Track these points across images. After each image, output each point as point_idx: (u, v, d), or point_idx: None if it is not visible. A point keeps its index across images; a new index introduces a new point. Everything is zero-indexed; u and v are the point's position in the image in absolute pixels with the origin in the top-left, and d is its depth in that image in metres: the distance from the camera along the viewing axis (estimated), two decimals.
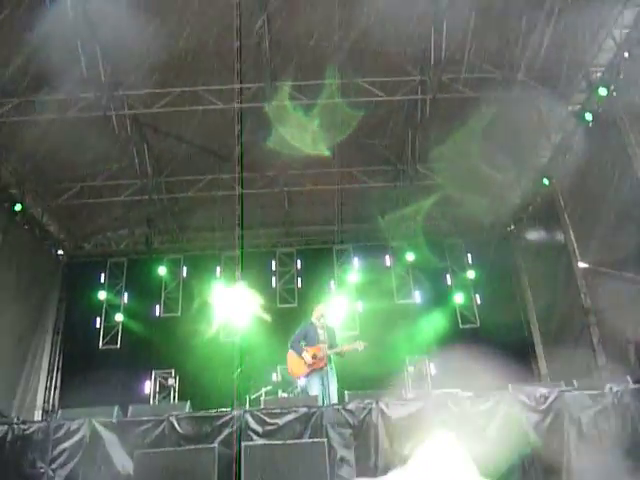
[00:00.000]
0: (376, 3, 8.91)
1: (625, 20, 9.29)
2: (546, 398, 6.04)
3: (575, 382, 6.68)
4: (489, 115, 10.71)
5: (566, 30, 9.50)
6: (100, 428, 5.83)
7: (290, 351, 8.18)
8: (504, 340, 12.73)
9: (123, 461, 5.55)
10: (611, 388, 6.23)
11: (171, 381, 12.61)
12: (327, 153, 11.71)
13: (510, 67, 10.45)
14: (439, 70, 10.31)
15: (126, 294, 14.71)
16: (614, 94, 9.75)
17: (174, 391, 12.45)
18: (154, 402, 12.36)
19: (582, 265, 11.12)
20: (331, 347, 8.01)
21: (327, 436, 5.68)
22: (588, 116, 10.28)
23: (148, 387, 13.05)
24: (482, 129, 10.86)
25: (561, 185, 11.98)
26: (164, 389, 12.75)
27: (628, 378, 6.82)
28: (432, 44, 9.84)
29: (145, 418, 6.05)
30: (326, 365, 7.86)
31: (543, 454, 5.72)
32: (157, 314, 14.55)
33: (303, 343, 8.11)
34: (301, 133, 11.37)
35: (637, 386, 6.50)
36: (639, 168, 9.24)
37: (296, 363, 8.06)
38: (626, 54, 9.44)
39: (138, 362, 13.45)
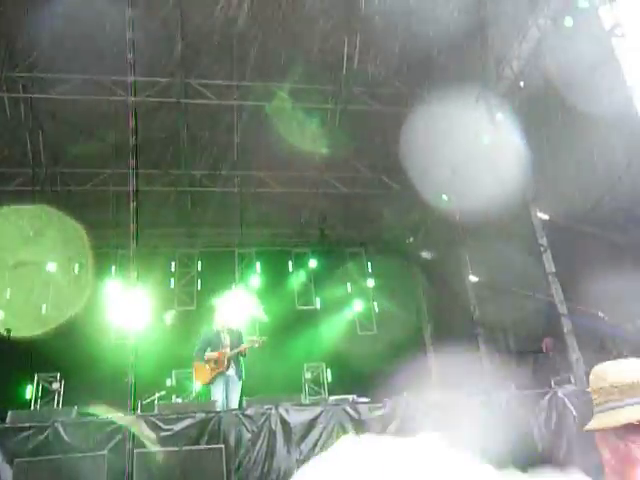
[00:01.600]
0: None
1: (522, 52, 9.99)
2: (439, 404, 6.29)
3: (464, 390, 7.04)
4: (397, 128, 11.07)
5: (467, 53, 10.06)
6: None
7: (195, 361, 8.02)
8: (400, 347, 13.17)
9: (1, 471, 5.11)
10: (496, 395, 6.62)
11: (56, 385, 11.84)
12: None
13: (417, 84, 10.88)
14: (350, 81, 10.53)
15: (8, 290, 13.65)
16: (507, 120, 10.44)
17: (59, 396, 11.70)
18: (35, 407, 11.56)
19: (473, 279, 11.78)
20: (233, 349, 7.92)
21: (225, 442, 5.57)
22: (485, 139, 10.92)
23: (29, 392, 12.17)
24: (389, 141, 11.21)
25: (459, 201, 12.61)
26: (48, 394, 11.95)
27: (512, 386, 7.30)
28: (345, 54, 10.05)
29: (27, 424, 5.62)
30: (228, 368, 7.76)
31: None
32: (43, 312, 13.62)
33: (209, 349, 7.96)
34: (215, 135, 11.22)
35: (520, 392, 6.96)
36: (527, 188, 9.93)
37: (201, 371, 7.94)
38: (522, 84, 10.15)
39: (19, 364, 12.48)
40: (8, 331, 11.56)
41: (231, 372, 7.73)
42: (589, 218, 8.54)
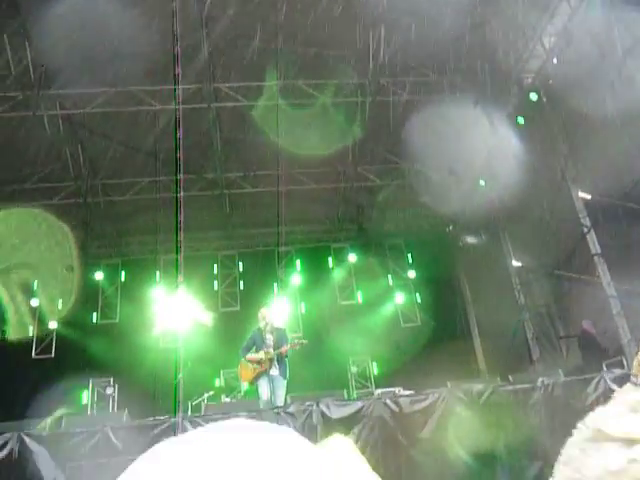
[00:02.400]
0: (316, 6, 8.98)
1: (554, 28, 9.72)
2: (482, 394, 6.20)
3: (510, 377, 6.91)
4: (428, 117, 10.94)
5: (497, 37, 9.85)
6: (29, 441, 5.57)
7: (241, 360, 8.19)
8: (444, 338, 13.05)
9: (55, 475, 5.32)
10: (543, 381, 6.48)
11: (110, 390, 12.20)
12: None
13: (445, 71, 10.72)
14: (377, 73, 10.45)
15: (60, 300, 14.15)
16: (544, 99, 10.17)
17: (113, 400, 12.06)
18: (91, 412, 11.96)
19: (516, 264, 11.54)
20: (276, 349, 8.02)
21: None
22: (521, 120, 10.68)
23: (86, 397, 12.61)
24: (420, 131, 11.08)
25: (497, 186, 12.37)
26: (102, 399, 12.35)
27: (560, 371, 7.12)
28: (371, 47, 9.98)
29: (79, 430, 5.84)
30: (270, 368, 7.86)
31: (481, 448, 5.87)
32: (94, 321, 14.08)
33: (254, 349, 8.11)
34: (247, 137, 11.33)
35: (568, 379, 6.79)
36: (566, 169, 9.66)
37: (245, 370, 8.10)
38: (555, 60, 9.87)
39: (74, 371, 12.93)
40: (3, 332, 12.03)
41: (274, 372, 7.82)
42: (631, 196, 8.25)
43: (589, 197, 9.62)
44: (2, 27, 8.41)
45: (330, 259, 15.09)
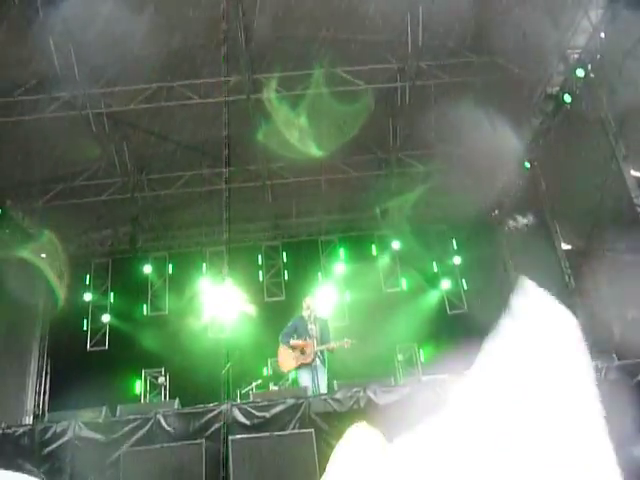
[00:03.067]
0: None
1: (600, 1, 9.32)
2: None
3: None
4: (470, 100, 10.70)
5: (541, 13, 9.51)
6: (85, 429, 5.79)
7: (281, 345, 8.22)
8: (492, 324, 12.80)
9: (110, 460, 5.51)
10: (597, 365, 6.29)
11: (161, 380, 12.56)
12: (314, 149, 11.64)
13: (487, 52, 10.45)
14: (417, 57, 10.28)
15: (112, 294, 14.59)
16: (592, 75, 9.79)
17: (165, 389, 12.40)
18: (145, 401, 12.32)
19: (565, 247, 11.21)
20: (322, 341, 8.04)
21: (315, 426, 5.68)
22: (567, 98, 10.31)
23: (139, 387, 13.01)
24: (462, 115, 10.85)
25: (542, 168, 12.03)
26: (155, 388, 12.71)
27: (614, 356, 6.90)
28: (409, 31, 9.82)
29: (132, 417, 6.02)
30: (314, 360, 7.88)
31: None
32: (144, 313, 14.45)
33: (295, 336, 8.13)
34: (287, 126, 11.33)
35: (622, 362, 6.57)
36: (616, 147, 9.30)
37: (286, 357, 8.14)
38: (602, 34, 9.48)
39: (127, 362, 13.35)
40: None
41: (317, 362, 7.85)
42: None
43: None
44: (49, 28, 8.63)
45: (374, 247, 15.02)
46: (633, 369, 6.06)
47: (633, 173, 9.38)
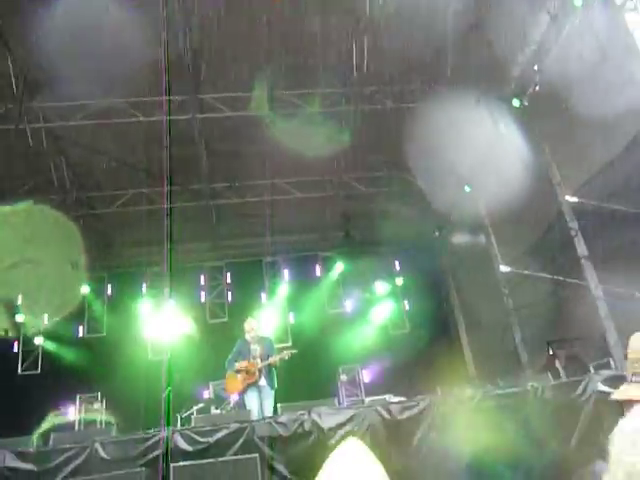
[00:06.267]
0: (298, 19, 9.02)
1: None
2: (472, 399, 6.20)
3: (500, 382, 6.93)
4: (414, 125, 10.97)
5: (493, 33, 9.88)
6: (15, 459, 5.47)
7: (227, 372, 8.14)
8: (433, 344, 13.07)
9: None
10: (532, 385, 6.50)
11: (97, 405, 12.07)
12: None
13: (431, 79, 10.79)
14: (361, 83, 10.49)
15: (45, 315, 13.97)
16: (526, 104, 10.27)
17: (100, 415, 11.91)
18: (79, 428, 11.78)
19: (504, 269, 11.59)
20: (263, 360, 7.97)
21: (259, 451, 5.59)
22: (505, 125, 10.75)
23: (73, 413, 12.43)
24: (406, 139, 11.12)
25: (483, 191, 12.42)
26: (90, 414, 12.18)
27: (549, 375, 7.16)
28: (354, 57, 10.02)
29: (67, 445, 5.74)
30: (259, 378, 7.81)
31: (472, 453, 5.85)
32: (80, 335, 13.91)
33: (240, 360, 8.03)
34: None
35: (557, 382, 6.82)
36: (551, 172, 9.74)
37: (232, 382, 8.08)
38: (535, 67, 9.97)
39: (61, 387, 12.76)
40: (5, 332, 11.91)
41: (263, 382, 7.77)
42: (617, 198, 8.34)
43: (576, 200, 9.69)
44: None
45: (318, 267, 15.08)
46: (568, 388, 6.29)
47: (568, 198, 9.82)
